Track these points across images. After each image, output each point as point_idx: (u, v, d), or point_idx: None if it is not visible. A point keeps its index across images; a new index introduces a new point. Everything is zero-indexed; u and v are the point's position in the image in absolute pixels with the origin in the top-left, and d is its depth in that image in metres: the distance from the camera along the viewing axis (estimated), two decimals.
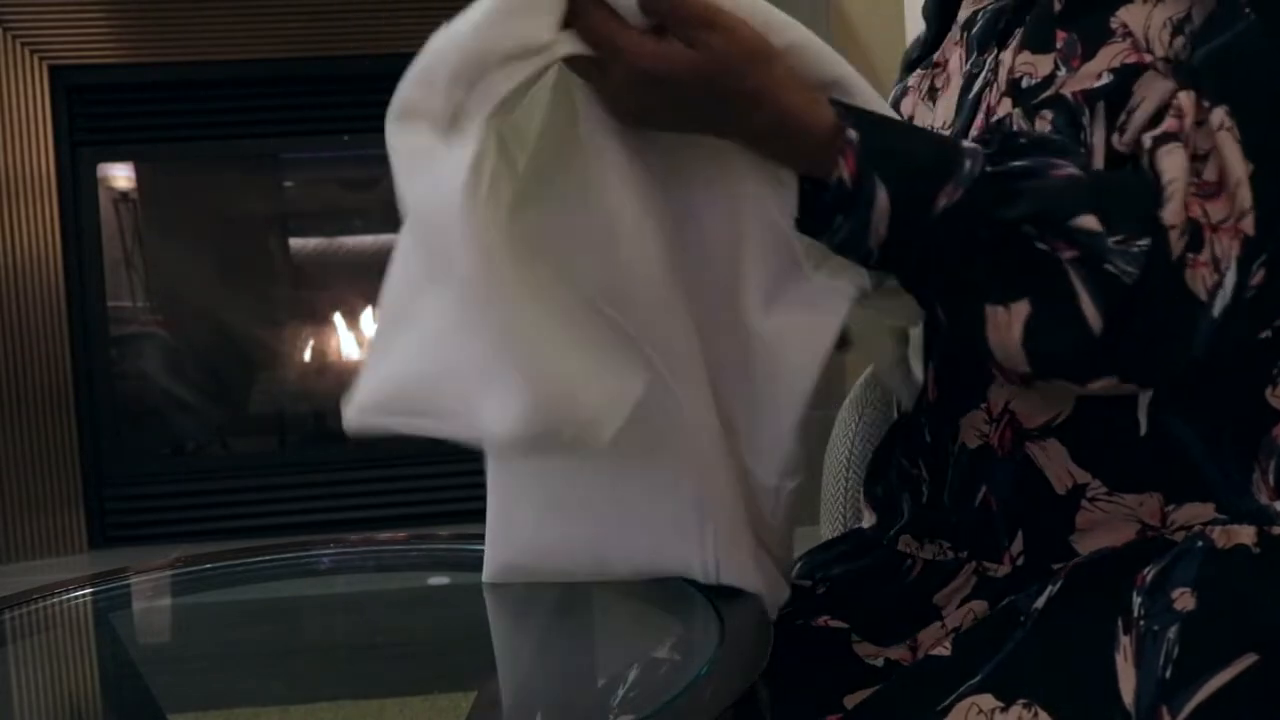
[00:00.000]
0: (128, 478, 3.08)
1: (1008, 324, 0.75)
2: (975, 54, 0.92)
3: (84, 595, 1.05)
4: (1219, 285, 0.74)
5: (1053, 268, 0.74)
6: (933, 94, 0.96)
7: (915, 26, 3.11)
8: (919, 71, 1.00)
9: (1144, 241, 0.73)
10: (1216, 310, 0.74)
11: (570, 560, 0.87)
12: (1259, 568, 0.79)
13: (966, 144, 0.78)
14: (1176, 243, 0.73)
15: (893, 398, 1.03)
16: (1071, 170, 0.76)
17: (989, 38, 0.91)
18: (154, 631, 1.06)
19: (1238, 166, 0.74)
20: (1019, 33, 0.88)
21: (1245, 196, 0.73)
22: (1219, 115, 0.75)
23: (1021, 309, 0.74)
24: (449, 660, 1.03)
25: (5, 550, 2.90)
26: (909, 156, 0.77)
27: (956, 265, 0.76)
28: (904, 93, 1.01)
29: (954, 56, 0.95)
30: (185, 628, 1.05)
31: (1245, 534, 0.80)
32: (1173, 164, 0.75)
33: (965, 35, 0.95)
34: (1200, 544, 0.80)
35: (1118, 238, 0.73)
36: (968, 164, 0.76)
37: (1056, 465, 0.84)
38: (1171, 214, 0.73)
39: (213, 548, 1.19)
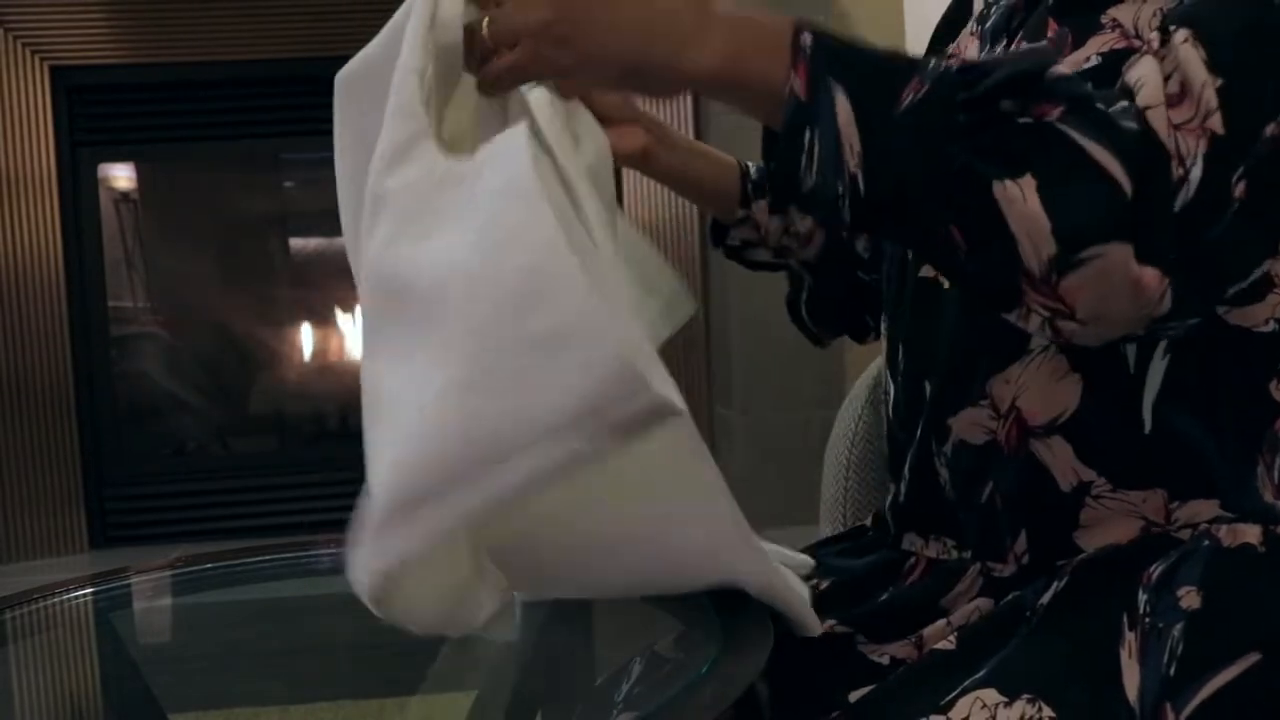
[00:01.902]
0: (128, 478, 3.08)
1: (1021, 196, 0.68)
2: (988, 46, 0.94)
3: (84, 595, 1.05)
4: (1184, 180, 0.70)
5: (1047, 132, 0.69)
6: None
7: (915, 26, 3.12)
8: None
9: (1123, 102, 0.71)
10: (1177, 205, 0.70)
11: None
12: (1264, 567, 0.79)
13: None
14: (1162, 125, 0.71)
15: (885, 396, 1.03)
16: (1036, 47, 0.75)
17: (1000, 32, 0.93)
18: (154, 631, 1.06)
19: (1200, 73, 0.71)
20: (1023, 27, 0.90)
21: (1210, 97, 0.71)
22: (1181, 34, 0.74)
23: (1028, 180, 0.69)
24: (449, 660, 1.03)
25: (5, 550, 2.90)
26: (865, 59, 0.73)
27: (942, 160, 0.70)
28: None
29: (969, 49, 0.97)
30: (185, 628, 1.05)
31: (1251, 533, 0.80)
32: (1142, 66, 0.73)
33: (980, 28, 0.97)
34: (1206, 543, 0.80)
35: (1099, 95, 0.71)
36: (931, 62, 0.72)
37: (1062, 463, 0.84)
38: (1148, 96, 0.71)
39: (213, 548, 1.19)
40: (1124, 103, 0.71)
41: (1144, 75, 0.72)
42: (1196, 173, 0.71)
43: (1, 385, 2.91)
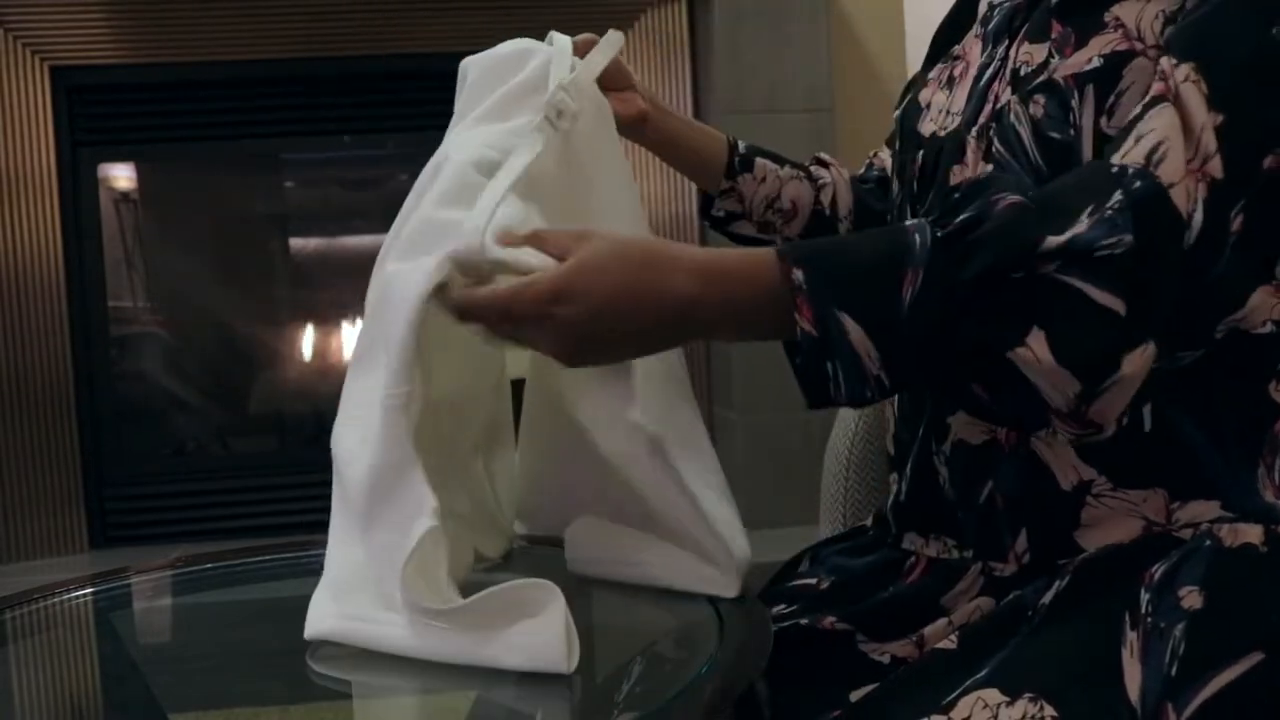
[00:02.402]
0: (128, 478, 3.07)
1: (1036, 356, 0.72)
2: (990, 47, 0.94)
3: (84, 595, 1.05)
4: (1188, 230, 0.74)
5: (1044, 286, 0.72)
6: (950, 84, 0.98)
7: (915, 27, 3.12)
8: (939, 65, 1.03)
9: (1116, 200, 0.72)
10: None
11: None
12: (1266, 567, 0.79)
13: (909, 223, 0.77)
14: (1183, 200, 0.73)
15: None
16: (1012, 199, 0.75)
17: (1002, 33, 0.93)
18: (154, 631, 1.06)
19: (1200, 113, 0.74)
20: (1025, 27, 0.90)
21: (1209, 140, 0.73)
22: (1184, 70, 0.76)
23: (1037, 336, 0.72)
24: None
25: (5, 550, 2.90)
26: (854, 267, 0.76)
27: (959, 338, 0.74)
28: (924, 84, 1.03)
29: (973, 50, 0.97)
30: (185, 628, 1.05)
31: (1252, 533, 0.80)
32: (1163, 122, 0.75)
33: (983, 30, 0.97)
34: (1208, 543, 0.80)
35: (1092, 219, 0.72)
36: (916, 240, 0.74)
37: (1062, 461, 0.84)
38: (1170, 171, 0.73)
39: (213, 548, 1.19)
40: (1116, 200, 0.72)
41: (1168, 138, 0.74)
42: (1198, 217, 0.73)
43: (1, 385, 2.91)
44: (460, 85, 1.00)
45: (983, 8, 1.00)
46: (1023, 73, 0.87)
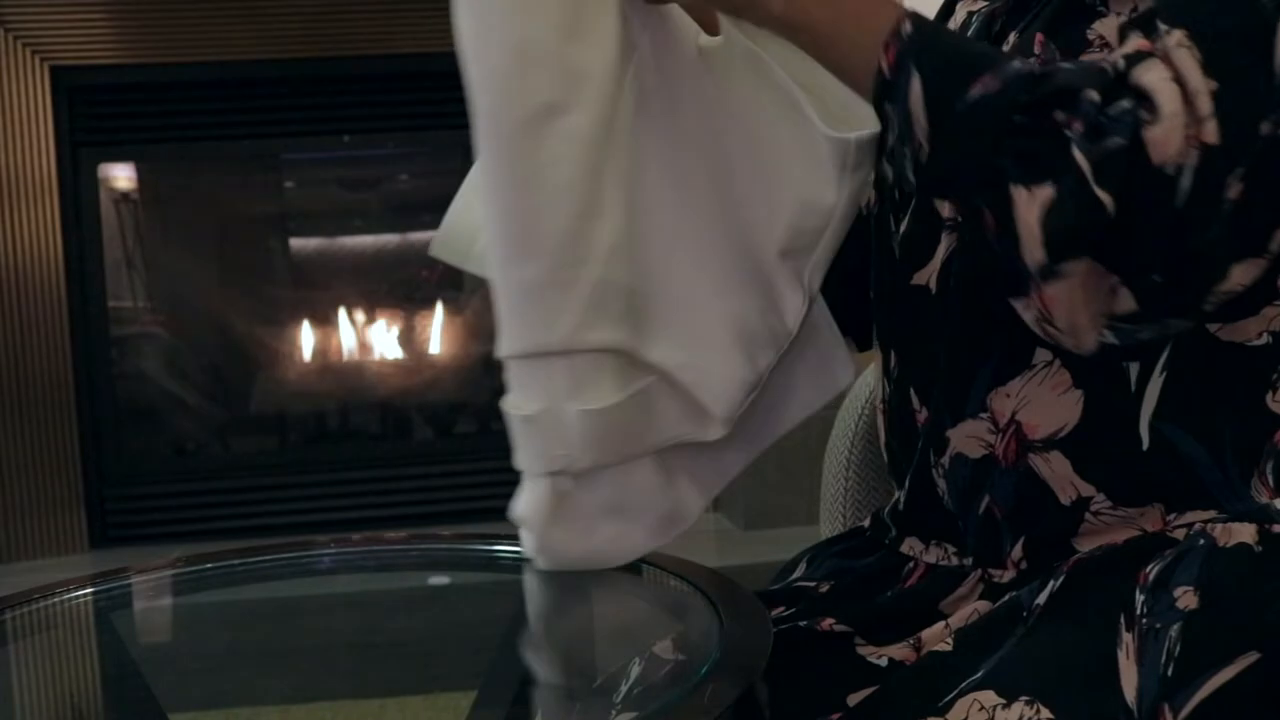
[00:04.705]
0: (128, 478, 3.08)
1: (1028, 204, 0.73)
2: None
3: (85, 595, 1.05)
4: (1175, 190, 0.71)
5: (1066, 149, 0.72)
6: None
7: None
8: None
9: (1125, 103, 0.72)
10: (1166, 213, 0.72)
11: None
12: (1261, 566, 0.79)
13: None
14: (1176, 140, 0.71)
15: (878, 403, 1.03)
16: (1110, 64, 0.75)
17: (981, 39, 0.93)
18: (154, 631, 1.06)
19: (1195, 78, 0.72)
20: (1012, 38, 0.90)
21: (1204, 105, 0.72)
22: (1176, 35, 0.74)
23: (1043, 192, 0.73)
24: (449, 660, 1.03)
25: (6, 550, 2.90)
26: (950, 49, 0.79)
27: (989, 152, 0.75)
28: None
29: None
30: (185, 628, 1.05)
31: (1246, 532, 0.80)
32: (1153, 73, 0.73)
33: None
34: (1202, 542, 0.80)
35: (1109, 106, 0.72)
36: (1014, 63, 0.76)
37: (1060, 477, 0.84)
38: (1169, 112, 0.71)
39: (213, 548, 1.19)
40: (1128, 109, 0.72)
41: (1158, 88, 0.72)
42: (1186, 182, 0.71)
43: (1, 385, 2.91)
44: None
45: (960, 14, 0.99)
46: None
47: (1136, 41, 0.76)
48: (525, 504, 0.89)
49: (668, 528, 0.92)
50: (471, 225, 0.94)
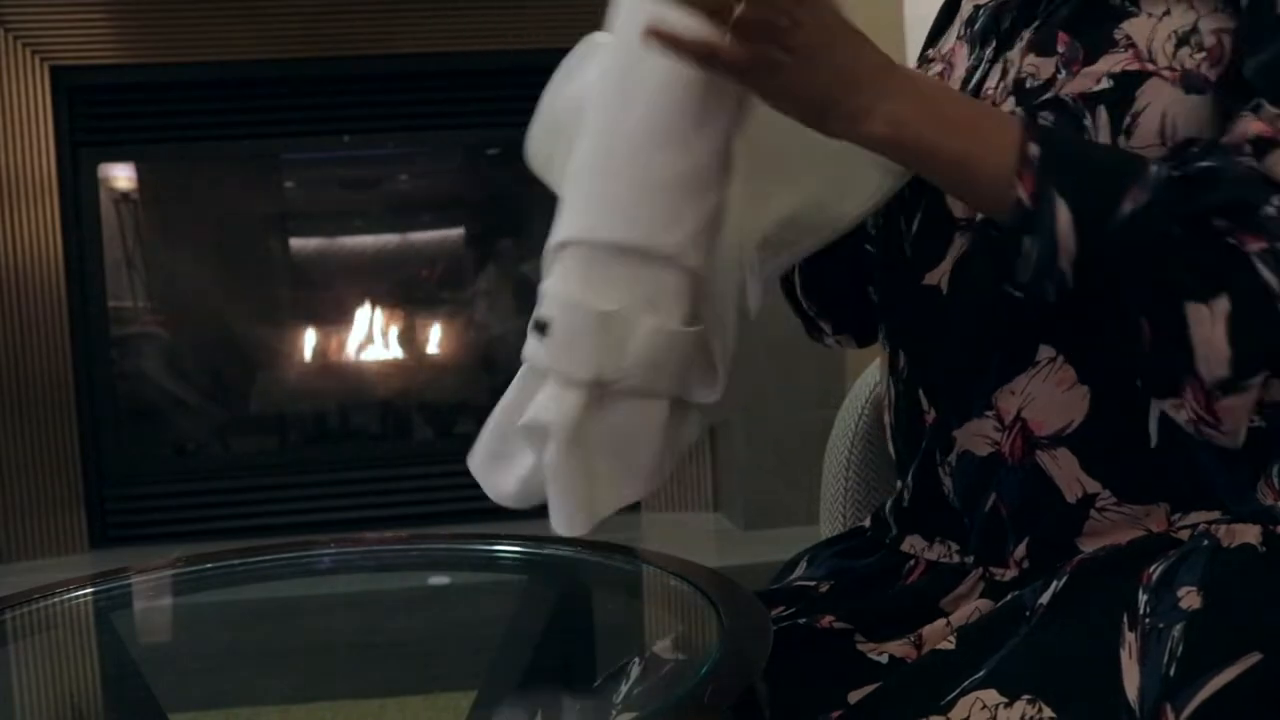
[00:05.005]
0: (128, 478, 3.07)
1: (1211, 321, 0.73)
2: (976, 49, 0.93)
3: (85, 595, 1.05)
4: None
5: (1244, 262, 0.73)
6: None
7: (915, 26, 3.11)
8: (918, 69, 1.01)
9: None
10: None
11: None
12: (1265, 567, 0.79)
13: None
14: None
15: (885, 402, 1.03)
16: (1251, 163, 0.75)
17: (989, 33, 0.92)
18: (154, 631, 1.06)
19: None
20: (1026, 34, 0.88)
21: None
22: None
23: (1222, 305, 0.73)
24: (449, 660, 1.03)
25: (6, 550, 2.90)
26: (1087, 164, 0.77)
27: (1151, 268, 0.74)
28: None
29: (959, 52, 0.96)
30: (185, 628, 1.05)
31: (1250, 533, 0.80)
32: None
33: (968, 31, 0.95)
34: (1206, 543, 0.80)
35: None
36: (1152, 168, 0.75)
37: (1067, 474, 0.84)
38: None
39: (213, 548, 1.19)
40: None
41: None
42: None
43: (1, 385, 2.91)
44: None
45: (967, 8, 0.98)
46: (1029, 85, 0.85)
47: (1253, 124, 0.76)
48: (549, 409, 0.82)
49: (648, 481, 0.86)
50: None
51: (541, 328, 0.83)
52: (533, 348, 0.84)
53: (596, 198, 0.83)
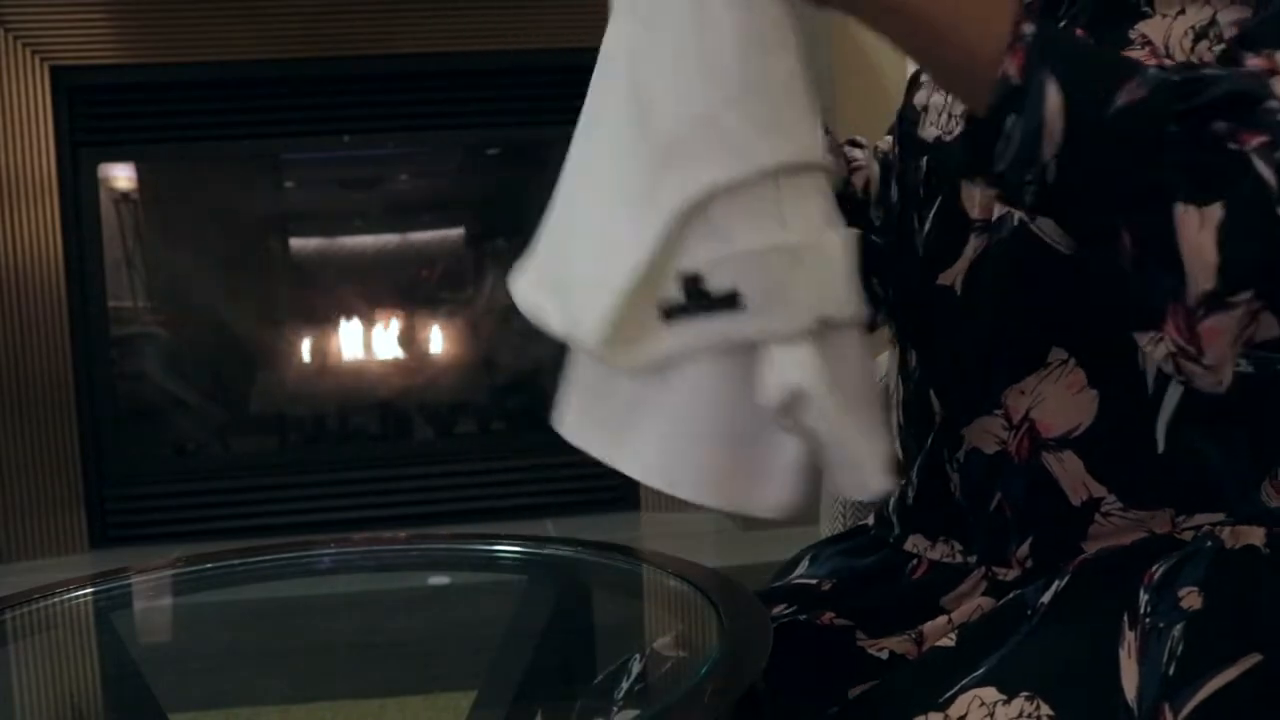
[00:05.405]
0: (128, 478, 3.08)
1: (1199, 225, 0.66)
2: None
3: (85, 595, 1.05)
4: None
5: (1244, 167, 0.67)
6: None
7: None
8: None
9: None
10: None
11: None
12: (1267, 568, 0.79)
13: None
14: None
15: (894, 400, 1.03)
16: (1255, 70, 0.71)
17: None
18: (154, 631, 1.06)
19: None
20: None
21: None
22: None
23: (1214, 211, 0.66)
24: (449, 660, 1.03)
25: (6, 550, 2.90)
26: (1084, 52, 0.72)
27: (1142, 167, 0.68)
28: (919, 85, 1.00)
29: None
30: (185, 628, 1.05)
31: (1255, 534, 0.80)
32: None
33: None
34: (1209, 544, 0.80)
35: None
36: (1151, 69, 0.69)
37: (1072, 477, 0.84)
38: None
39: (213, 548, 1.19)
40: None
41: None
42: None
43: (1, 385, 2.91)
44: None
45: None
46: None
47: (1255, 60, 0.72)
48: (801, 373, 0.67)
49: (886, 425, 0.75)
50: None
51: (729, 300, 0.69)
52: (724, 326, 0.69)
53: (719, 136, 0.70)
